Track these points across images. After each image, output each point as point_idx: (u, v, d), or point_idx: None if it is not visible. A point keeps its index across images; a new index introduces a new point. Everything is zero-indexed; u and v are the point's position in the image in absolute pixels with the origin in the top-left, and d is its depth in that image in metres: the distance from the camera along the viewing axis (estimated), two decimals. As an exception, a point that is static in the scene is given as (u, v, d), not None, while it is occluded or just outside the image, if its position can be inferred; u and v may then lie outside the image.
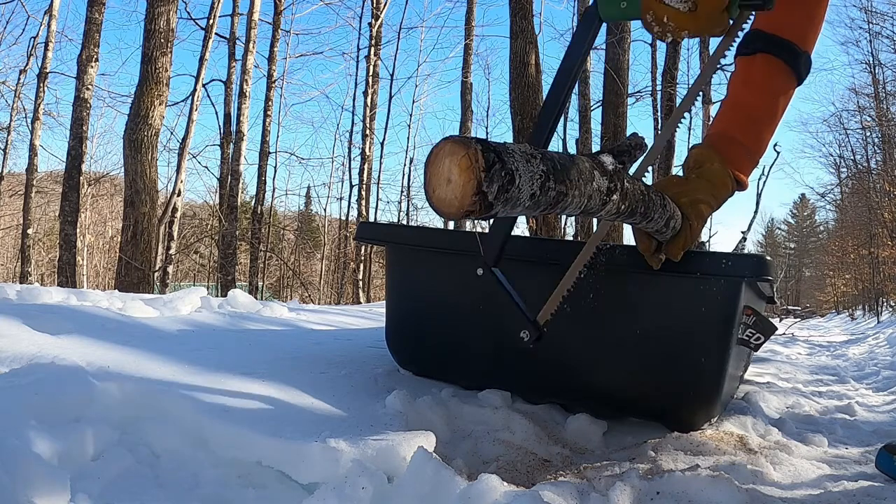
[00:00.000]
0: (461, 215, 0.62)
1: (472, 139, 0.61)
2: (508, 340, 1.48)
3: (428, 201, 0.64)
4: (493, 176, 0.60)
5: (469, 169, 0.60)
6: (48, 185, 15.84)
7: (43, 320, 1.62)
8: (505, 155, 0.62)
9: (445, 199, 0.62)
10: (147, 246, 6.07)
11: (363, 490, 0.89)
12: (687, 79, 10.62)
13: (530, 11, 6.03)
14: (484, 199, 0.60)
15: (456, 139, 0.61)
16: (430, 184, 0.63)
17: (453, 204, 0.61)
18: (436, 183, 0.62)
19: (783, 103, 1.33)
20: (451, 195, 0.61)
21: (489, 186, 0.60)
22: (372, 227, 1.81)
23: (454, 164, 0.61)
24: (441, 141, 0.63)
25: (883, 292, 15.65)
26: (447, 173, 0.61)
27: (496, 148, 0.62)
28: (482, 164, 0.59)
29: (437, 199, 0.63)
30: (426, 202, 0.68)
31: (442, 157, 0.62)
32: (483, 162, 0.59)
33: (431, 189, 0.63)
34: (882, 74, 16.44)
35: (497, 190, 0.61)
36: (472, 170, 0.59)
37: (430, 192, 0.63)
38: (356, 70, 13.69)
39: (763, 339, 1.30)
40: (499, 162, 0.61)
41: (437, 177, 0.62)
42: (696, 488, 1.02)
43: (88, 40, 7.53)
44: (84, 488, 0.88)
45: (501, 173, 0.61)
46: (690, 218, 1.17)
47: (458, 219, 0.65)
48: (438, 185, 0.62)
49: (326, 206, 19.62)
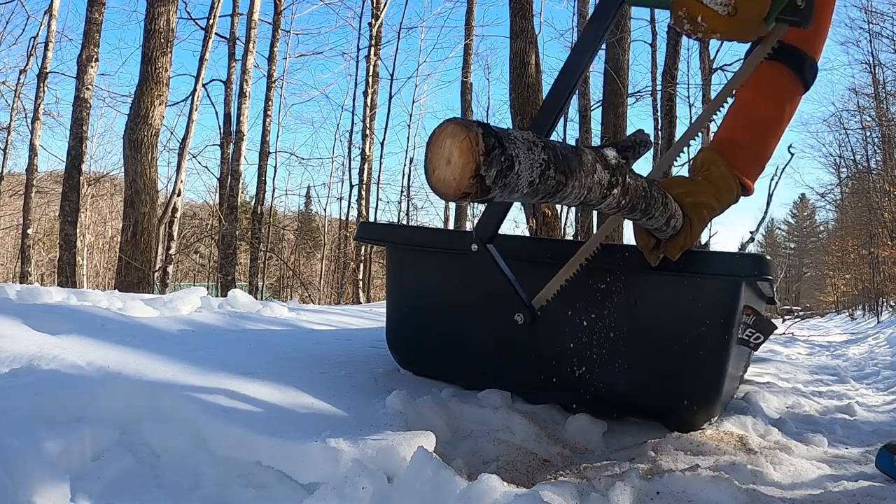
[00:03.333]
0: (458, 197, 0.62)
1: (475, 122, 0.61)
2: (509, 340, 1.48)
3: (427, 181, 0.64)
4: (493, 160, 0.60)
5: (469, 151, 0.60)
6: (48, 185, 15.83)
7: (43, 320, 1.62)
8: (506, 140, 0.62)
9: (444, 180, 0.62)
10: (147, 246, 6.07)
11: (363, 490, 0.89)
12: (687, 79, 10.62)
13: (530, 11, 6.02)
14: (481, 182, 0.60)
15: (458, 121, 0.62)
16: (431, 163, 0.63)
17: (451, 185, 0.62)
18: (436, 163, 0.63)
19: (790, 110, 1.33)
20: (449, 176, 0.62)
21: (487, 170, 0.60)
22: (372, 227, 1.82)
23: (455, 145, 0.61)
24: (444, 122, 0.63)
25: (883, 292, 15.65)
26: (447, 154, 0.61)
27: (498, 133, 0.62)
28: (482, 147, 0.59)
29: (435, 178, 0.63)
30: (426, 184, 0.68)
31: (444, 138, 0.62)
32: (483, 146, 0.59)
33: (431, 169, 0.63)
34: (882, 74, 16.45)
35: (495, 175, 0.61)
36: (471, 152, 0.60)
37: (429, 172, 0.63)
38: (356, 70, 13.70)
39: (763, 338, 1.30)
40: (499, 147, 0.61)
41: (438, 157, 0.62)
42: (696, 488, 1.02)
43: (88, 40, 7.52)
44: (84, 488, 0.88)
45: (501, 158, 0.61)
46: (692, 219, 1.17)
47: (455, 200, 0.65)
48: (438, 166, 0.62)
49: (326, 206, 19.63)
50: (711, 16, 1.04)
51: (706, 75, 9.90)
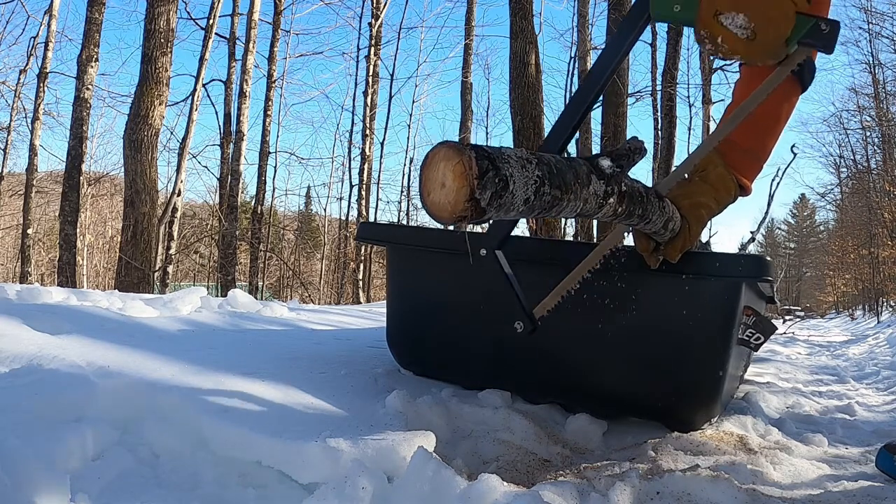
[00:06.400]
0: (453, 220, 0.63)
1: (468, 146, 0.61)
2: (509, 341, 1.48)
3: (422, 204, 0.65)
4: (487, 183, 0.61)
5: (463, 175, 0.60)
6: (48, 185, 15.82)
7: (43, 320, 1.62)
8: (500, 161, 0.62)
9: (438, 204, 0.63)
10: (147, 246, 6.07)
11: (363, 490, 0.89)
12: (687, 79, 10.61)
13: (530, 11, 6.03)
14: (476, 205, 0.61)
15: (451, 144, 0.62)
16: (425, 187, 0.64)
17: (446, 209, 0.62)
18: (430, 187, 0.63)
19: (787, 109, 1.32)
20: (444, 200, 0.62)
21: (482, 193, 0.61)
22: (372, 227, 1.82)
23: (448, 169, 0.61)
24: (437, 145, 0.64)
25: (883, 292, 15.65)
26: (441, 178, 0.62)
27: (491, 154, 0.62)
28: (476, 171, 0.60)
29: (430, 202, 0.63)
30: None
31: (437, 162, 0.62)
32: (477, 170, 0.60)
33: (426, 192, 0.64)
34: (882, 74, 16.45)
35: (490, 196, 0.62)
36: (465, 176, 0.60)
37: (424, 196, 0.64)
38: (356, 70, 13.72)
39: (763, 339, 1.30)
40: (493, 169, 0.61)
41: (432, 181, 0.63)
42: (696, 488, 1.02)
43: (88, 40, 7.52)
44: (84, 488, 0.88)
45: (495, 180, 0.61)
46: (690, 220, 1.17)
47: (450, 223, 0.65)
48: (433, 189, 0.63)
49: (326, 206, 19.65)
50: (731, 38, 1.05)
51: (706, 75, 9.91)
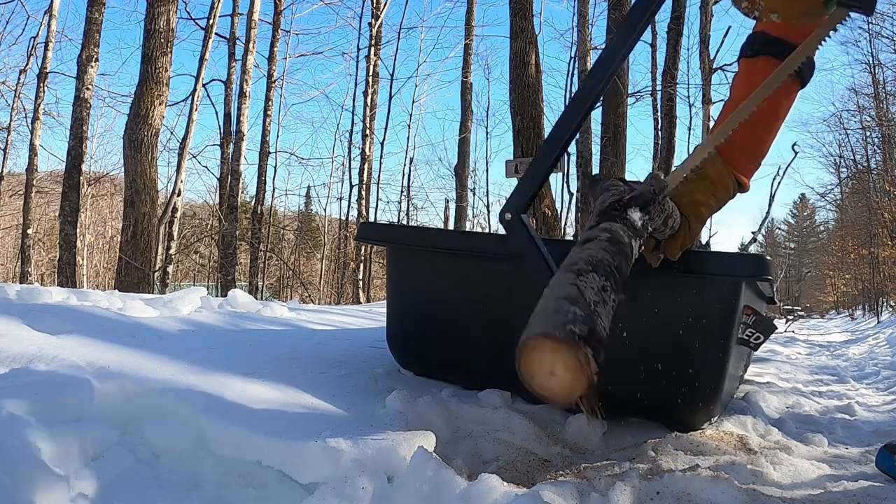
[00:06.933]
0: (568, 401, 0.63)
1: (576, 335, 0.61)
2: (510, 340, 1.48)
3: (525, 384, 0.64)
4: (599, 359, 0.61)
5: (577, 369, 0.60)
6: (48, 185, 15.81)
7: (43, 320, 1.62)
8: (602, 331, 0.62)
9: (552, 389, 0.63)
10: (147, 246, 6.07)
11: (363, 490, 0.89)
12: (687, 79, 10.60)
13: (530, 11, 6.03)
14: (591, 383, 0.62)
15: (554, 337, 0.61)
16: (528, 370, 0.64)
17: (560, 394, 0.63)
18: (535, 371, 0.63)
19: (786, 106, 1.32)
20: (556, 386, 0.63)
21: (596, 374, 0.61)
22: (373, 227, 1.82)
23: (558, 361, 0.61)
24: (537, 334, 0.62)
25: (883, 292, 15.64)
26: (549, 367, 0.62)
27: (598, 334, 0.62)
28: (594, 367, 0.60)
29: (538, 385, 0.64)
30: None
31: (541, 352, 0.62)
32: (594, 365, 0.60)
33: (529, 375, 0.64)
34: (882, 74, 16.43)
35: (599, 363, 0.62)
36: (581, 371, 0.60)
37: (527, 377, 0.64)
38: (356, 70, 13.69)
39: (763, 338, 1.30)
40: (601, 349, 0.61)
41: (536, 366, 0.63)
42: (696, 488, 1.02)
43: (88, 40, 7.52)
44: (84, 488, 0.88)
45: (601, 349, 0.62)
46: (689, 218, 1.17)
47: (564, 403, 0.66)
48: (539, 374, 0.63)
49: (326, 206, 19.58)
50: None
51: (706, 75, 9.89)
